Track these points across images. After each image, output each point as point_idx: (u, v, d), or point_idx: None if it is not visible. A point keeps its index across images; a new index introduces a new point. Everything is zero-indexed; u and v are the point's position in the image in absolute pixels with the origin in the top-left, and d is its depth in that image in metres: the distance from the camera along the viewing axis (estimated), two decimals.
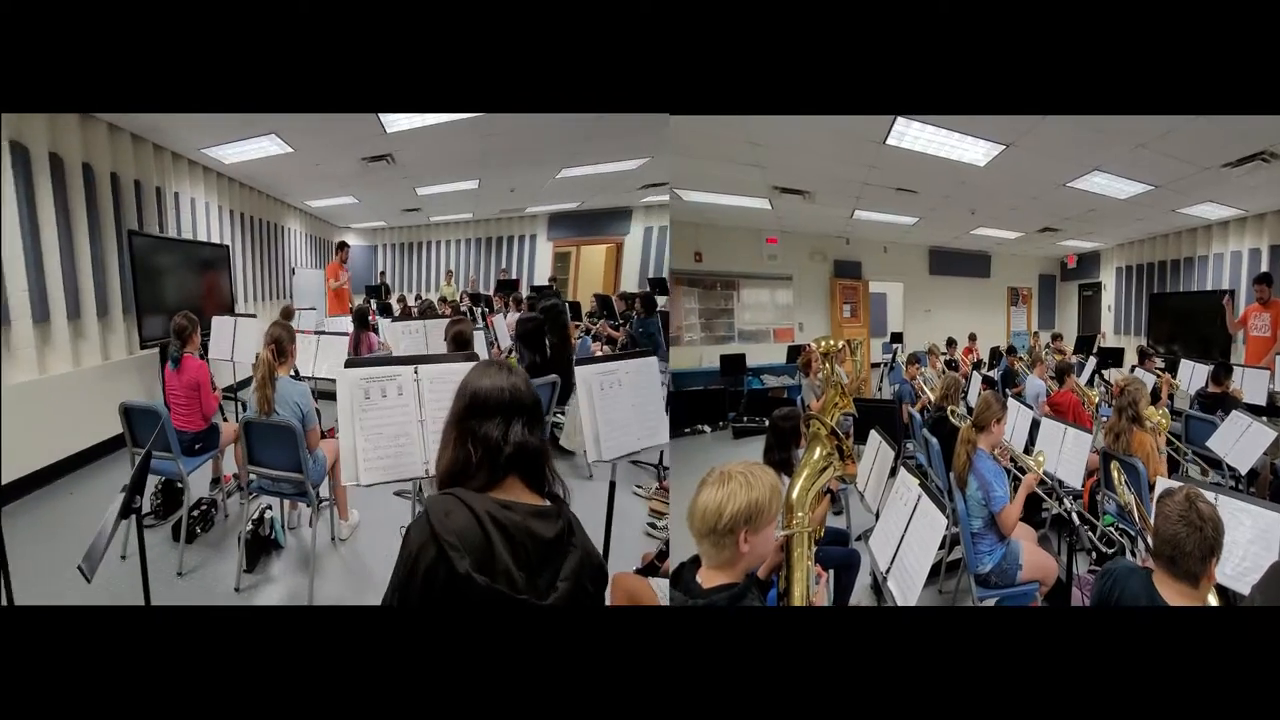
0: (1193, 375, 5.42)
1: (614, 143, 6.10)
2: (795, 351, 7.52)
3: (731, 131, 4.44)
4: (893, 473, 2.52)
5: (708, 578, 1.34)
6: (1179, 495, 1.48)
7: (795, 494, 1.74)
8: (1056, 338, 8.38)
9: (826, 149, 4.92)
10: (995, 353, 7.96)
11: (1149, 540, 1.76)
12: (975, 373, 6.32)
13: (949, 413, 3.55)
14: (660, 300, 7.55)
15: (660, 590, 2.15)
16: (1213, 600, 1.53)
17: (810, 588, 1.67)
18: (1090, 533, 3.03)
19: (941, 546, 3.13)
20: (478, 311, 8.83)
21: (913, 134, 4.43)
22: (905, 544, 1.95)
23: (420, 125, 5.33)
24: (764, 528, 1.32)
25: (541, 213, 11.74)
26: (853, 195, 6.50)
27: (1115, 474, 2.27)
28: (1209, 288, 7.78)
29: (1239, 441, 3.39)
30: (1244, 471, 3.38)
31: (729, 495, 1.28)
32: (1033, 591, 2.58)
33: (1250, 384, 4.86)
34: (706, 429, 6.84)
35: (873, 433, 2.94)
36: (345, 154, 6.41)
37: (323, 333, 5.27)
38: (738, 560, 1.32)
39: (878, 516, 2.51)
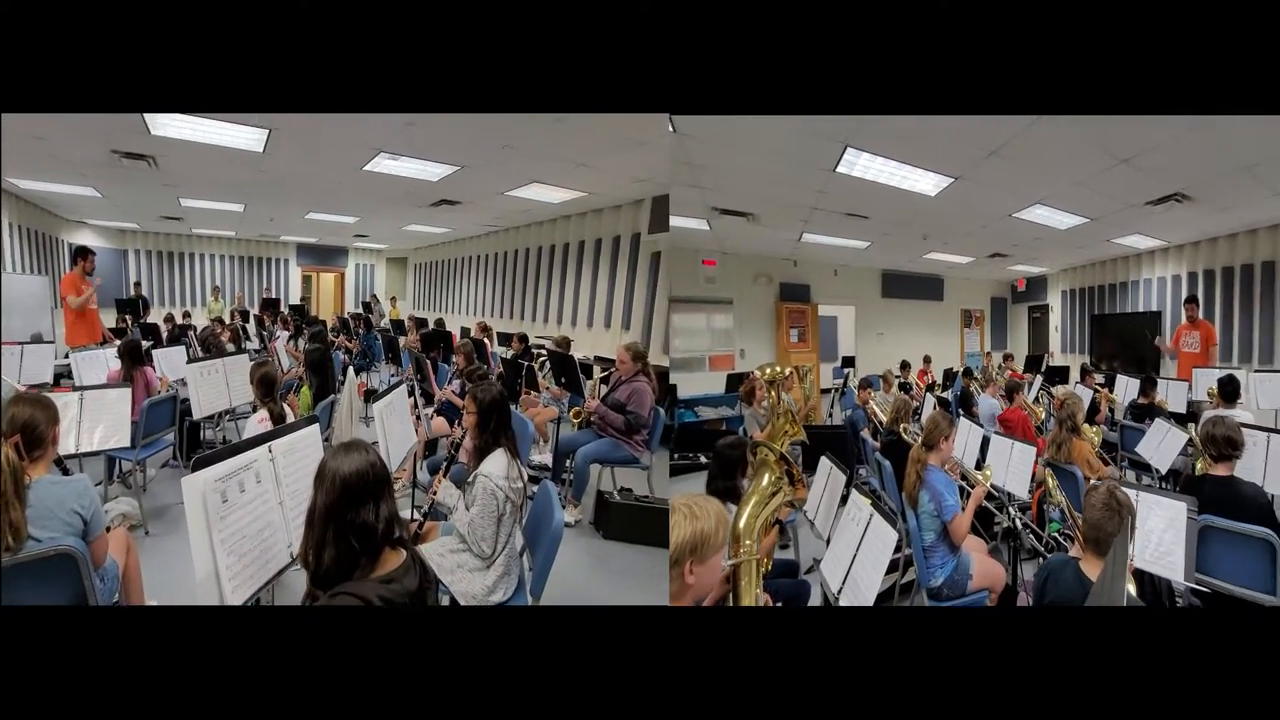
0: (1127, 389, 5.84)
1: (345, 199, 8.47)
2: (736, 380, 6.94)
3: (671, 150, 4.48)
4: (844, 500, 2.48)
5: None
6: (1102, 488, 1.78)
7: (743, 522, 1.71)
8: (1008, 358, 8.71)
9: (773, 174, 5.02)
10: (949, 374, 8.21)
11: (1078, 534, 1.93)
12: (929, 395, 6.50)
13: (902, 431, 3.66)
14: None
15: None
16: (1131, 588, 1.69)
17: None
18: (1036, 541, 3.19)
19: (895, 569, 3.21)
20: (251, 330, 9.46)
21: (863, 163, 4.60)
22: (858, 562, 2.00)
23: (191, 139, 5.24)
24: (709, 557, 1.33)
25: (292, 241, 14.49)
26: (800, 219, 6.58)
27: (1050, 480, 2.45)
28: (1142, 309, 8.39)
29: (1160, 445, 3.72)
30: (1164, 471, 3.71)
31: (673, 527, 1.30)
32: (983, 599, 2.67)
33: (1174, 395, 5.37)
34: None
35: (823, 459, 2.89)
36: (88, 139, 5.51)
37: (84, 388, 3.57)
38: (684, 592, 1.33)
39: (829, 543, 2.45)
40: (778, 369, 2.71)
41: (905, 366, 7.63)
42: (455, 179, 6.49)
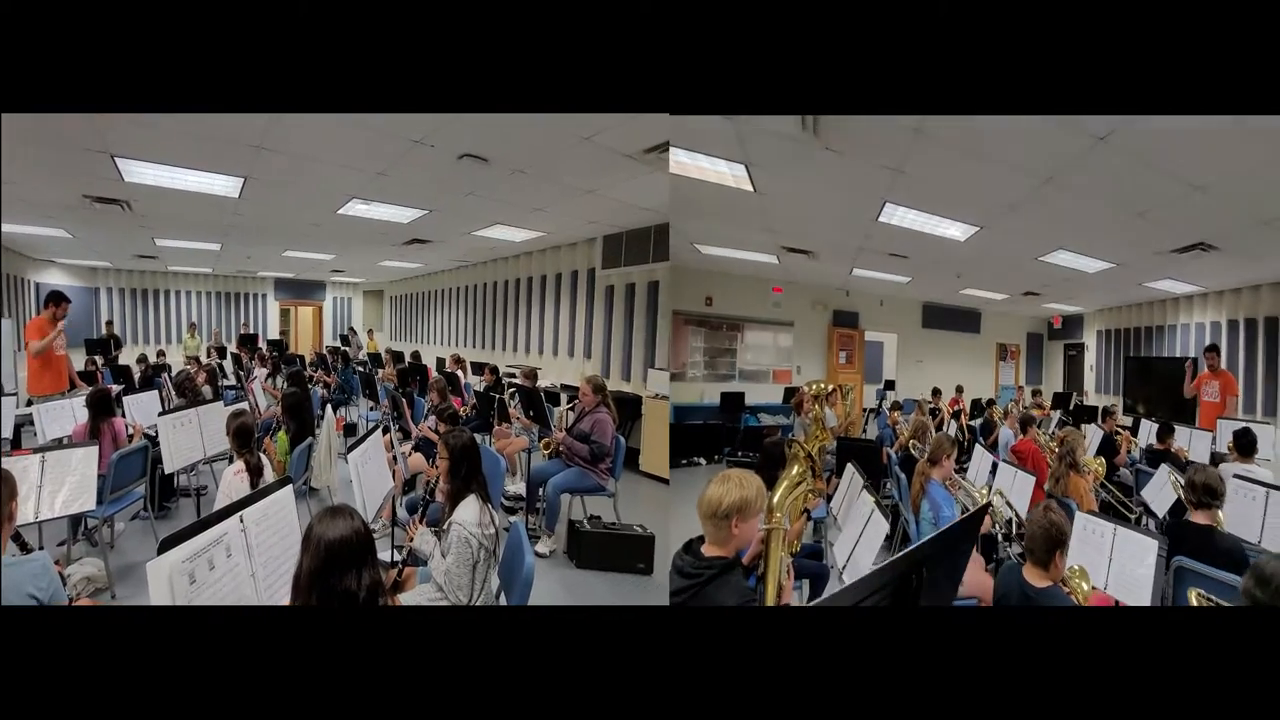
0: (1149, 434, 6.03)
1: (321, 239, 8.77)
2: (791, 392, 7.96)
3: (748, 204, 5.14)
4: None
5: (708, 549, 1.82)
6: (1040, 508, 2.13)
7: (776, 499, 2.19)
8: (1036, 393, 9.02)
9: (828, 221, 5.70)
10: (977, 404, 8.58)
11: None
12: (954, 421, 6.90)
13: (911, 448, 4.17)
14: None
15: None
16: (1064, 589, 2.12)
17: (782, 575, 2.13)
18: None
19: None
20: (228, 368, 9.27)
21: (900, 214, 5.16)
22: (860, 545, 2.56)
23: (168, 186, 5.17)
24: (750, 518, 1.79)
25: (269, 276, 14.71)
26: (851, 257, 7.29)
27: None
28: (1179, 354, 8.43)
29: (1161, 490, 4.04)
30: (1161, 514, 3.99)
31: (726, 491, 1.78)
32: (971, 606, 3.15)
33: (1196, 444, 5.50)
34: (702, 461, 7.21)
35: (849, 465, 3.46)
36: (59, 184, 5.30)
37: (45, 448, 3.39)
38: (730, 540, 1.79)
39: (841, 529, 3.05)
40: (823, 385, 3.22)
41: (936, 393, 8.06)
42: (424, 221, 6.87)
